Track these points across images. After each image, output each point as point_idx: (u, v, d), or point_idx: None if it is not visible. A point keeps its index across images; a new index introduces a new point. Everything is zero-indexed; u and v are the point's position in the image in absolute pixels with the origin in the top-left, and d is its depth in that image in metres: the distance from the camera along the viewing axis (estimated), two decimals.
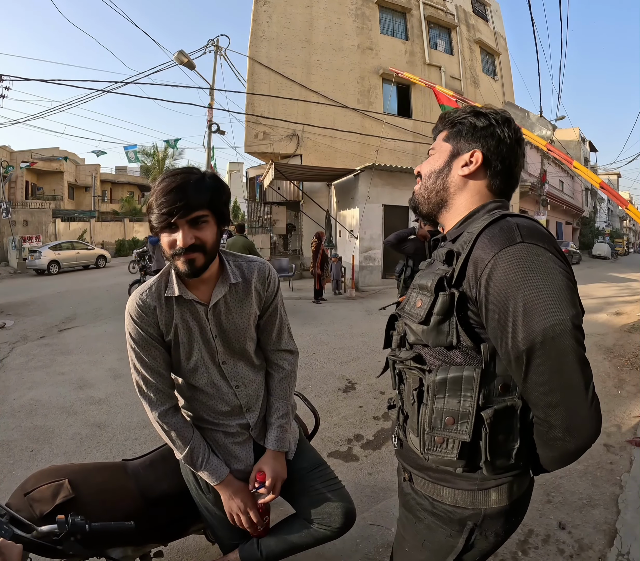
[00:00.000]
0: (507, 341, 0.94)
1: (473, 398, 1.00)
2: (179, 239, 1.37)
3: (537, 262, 0.93)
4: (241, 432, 1.67)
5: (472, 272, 0.99)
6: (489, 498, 1.08)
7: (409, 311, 1.13)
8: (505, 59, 25.74)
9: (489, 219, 1.02)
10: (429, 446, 1.07)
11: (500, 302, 0.94)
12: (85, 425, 4.19)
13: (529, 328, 0.90)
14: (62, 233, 27.92)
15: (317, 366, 5.96)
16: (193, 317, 1.55)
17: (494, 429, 1.00)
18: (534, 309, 0.90)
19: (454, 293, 1.00)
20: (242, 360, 1.66)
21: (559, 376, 0.91)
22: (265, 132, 16.85)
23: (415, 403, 1.11)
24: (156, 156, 33.25)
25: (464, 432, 1.01)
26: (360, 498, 2.93)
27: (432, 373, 1.05)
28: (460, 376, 1.01)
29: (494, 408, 1.00)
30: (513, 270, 0.92)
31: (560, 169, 32.03)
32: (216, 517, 1.68)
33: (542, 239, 0.97)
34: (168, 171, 1.46)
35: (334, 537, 1.67)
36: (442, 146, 1.22)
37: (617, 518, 2.74)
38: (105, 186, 43.28)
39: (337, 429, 4.07)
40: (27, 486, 1.58)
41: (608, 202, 57.74)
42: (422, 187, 1.25)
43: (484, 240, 0.99)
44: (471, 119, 1.17)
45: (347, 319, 9.18)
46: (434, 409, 1.04)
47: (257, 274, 1.64)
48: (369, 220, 13.87)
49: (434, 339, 1.03)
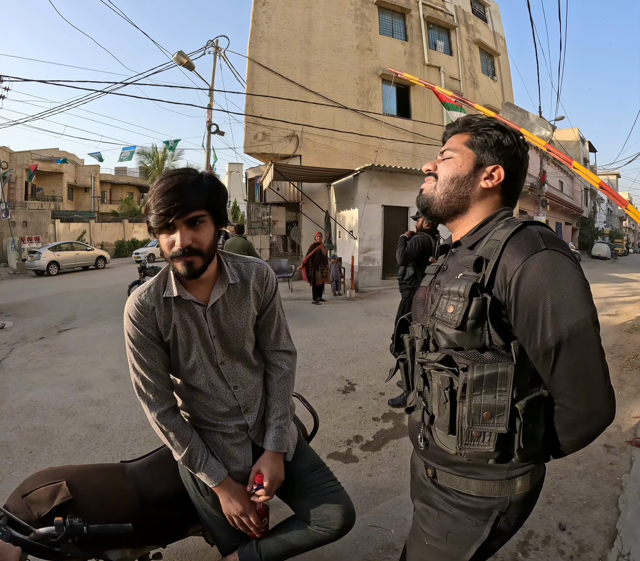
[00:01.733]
0: (536, 339, 1.03)
1: (508, 392, 1.07)
2: (177, 240, 1.37)
3: (560, 267, 1.02)
4: (239, 433, 1.67)
5: (501, 278, 1.06)
6: (515, 485, 1.16)
7: (440, 317, 1.14)
8: (505, 59, 25.76)
9: (512, 228, 1.10)
10: (467, 441, 1.12)
11: (529, 304, 1.02)
12: (84, 426, 4.18)
13: (557, 326, 1.00)
14: (61, 234, 27.96)
15: (316, 367, 5.96)
16: (191, 317, 1.55)
17: (526, 419, 1.07)
18: (561, 310, 1.00)
19: (487, 297, 1.06)
20: (240, 361, 1.66)
21: (583, 367, 1.02)
22: (264, 133, 16.85)
23: (447, 402, 1.15)
24: (155, 156, 33.29)
25: (501, 424, 1.07)
26: (359, 499, 2.92)
27: (469, 372, 1.09)
28: (495, 372, 1.07)
29: (526, 399, 1.07)
30: (541, 275, 1.01)
31: (560, 169, 32.04)
32: (215, 519, 1.68)
33: (561, 245, 1.06)
34: (165, 172, 1.47)
35: (333, 539, 1.66)
36: (465, 151, 1.25)
37: (617, 519, 2.74)
38: (104, 186, 43.38)
39: (337, 430, 4.06)
40: (25, 487, 1.57)
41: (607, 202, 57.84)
42: (441, 189, 1.26)
43: (511, 248, 1.06)
44: (498, 134, 1.22)
45: (346, 320, 9.17)
46: (472, 406, 1.09)
47: (255, 274, 1.64)
48: (369, 221, 13.86)
49: (469, 342, 1.08)
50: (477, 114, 1.35)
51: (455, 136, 1.30)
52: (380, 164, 13.54)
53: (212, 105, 15.94)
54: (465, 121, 1.30)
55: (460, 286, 1.09)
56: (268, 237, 17.90)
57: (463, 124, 1.29)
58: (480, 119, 1.27)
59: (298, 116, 16.78)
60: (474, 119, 1.28)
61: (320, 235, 12.22)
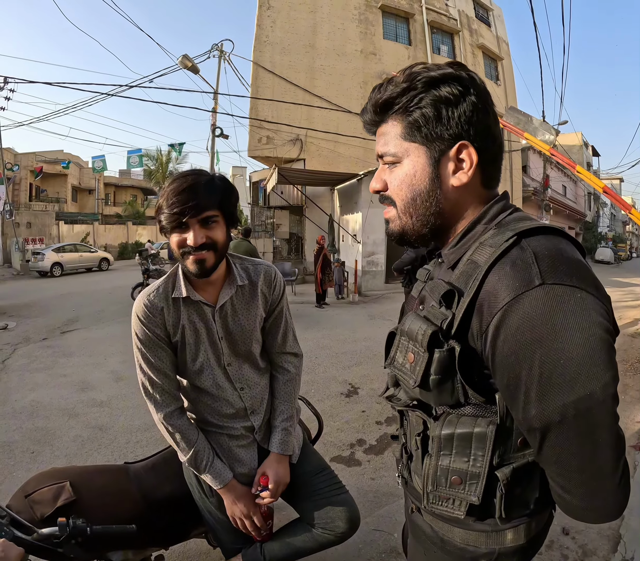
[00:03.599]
0: (517, 411, 0.78)
1: (485, 458, 0.84)
2: (189, 238, 1.39)
3: (561, 313, 0.70)
4: (245, 435, 1.67)
5: (477, 323, 0.79)
6: (504, 537, 0.93)
7: (400, 367, 0.92)
8: (508, 63, 25.81)
9: (498, 246, 0.79)
10: (433, 501, 0.93)
11: (509, 366, 0.75)
12: (87, 427, 4.19)
13: (544, 403, 0.72)
14: (65, 236, 28.06)
15: (319, 370, 5.96)
16: (200, 318, 1.56)
17: (511, 488, 0.85)
18: (553, 379, 0.71)
19: (454, 347, 0.80)
20: (248, 362, 1.67)
21: (580, 458, 0.74)
22: (268, 136, 16.90)
23: (419, 450, 0.97)
24: (159, 159, 33.37)
25: (472, 494, 0.86)
26: (362, 503, 2.91)
27: (437, 425, 0.88)
28: (470, 432, 0.84)
29: (512, 466, 0.84)
30: (528, 327, 0.71)
31: (563, 173, 32.04)
32: (219, 521, 1.68)
33: (570, 272, 0.73)
34: (178, 173, 1.49)
35: (337, 542, 1.67)
36: (407, 148, 0.88)
37: (621, 524, 2.72)
38: (108, 189, 43.55)
39: (340, 434, 4.06)
40: (28, 488, 1.58)
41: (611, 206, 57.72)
42: (406, 216, 0.93)
43: (492, 277, 0.77)
44: (432, 96, 0.83)
45: (349, 323, 9.18)
46: (438, 467, 0.88)
47: (264, 277, 1.66)
48: (372, 225, 13.87)
49: (436, 399, 0.86)
50: (382, 83, 0.91)
51: (382, 127, 0.92)
52: None
53: (216, 108, 16.04)
54: (382, 103, 0.89)
55: (419, 330, 0.83)
56: (271, 240, 17.90)
57: (383, 108, 0.90)
58: (401, 90, 0.86)
59: (302, 119, 16.84)
60: (391, 94, 0.87)
61: (323, 238, 12.24)
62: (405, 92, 0.85)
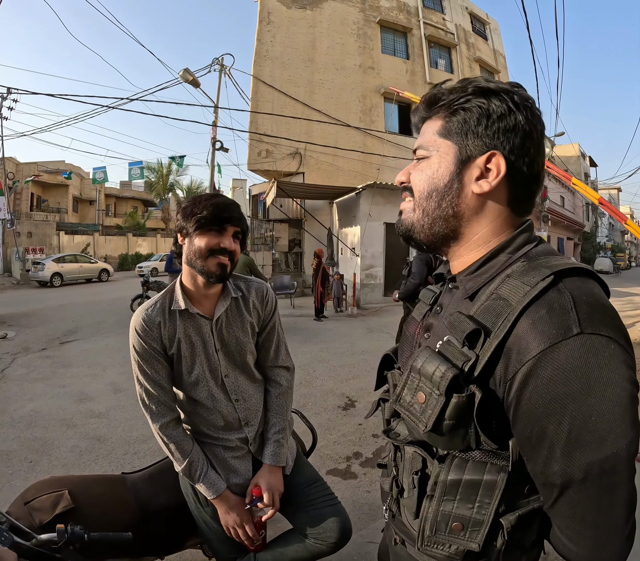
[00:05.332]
0: (536, 464, 0.72)
1: (492, 506, 0.78)
2: (225, 241, 1.56)
3: (597, 367, 0.66)
4: (240, 446, 1.72)
5: (502, 368, 0.73)
6: None
7: (407, 407, 0.83)
8: (505, 76, 25.98)
9: (534, 286, 0.72)
10: (428, 544, 0.85)
11: (536, 418, 0.69)
12: (85, 438, 4.22)
13: (569, 461, 0.67)
14: (65, 246, 28.21)
15: (317, 383, 5.95)
16: (196, 331, 1.63)
17: (513, 534, 0.80)
18: (582, 436, 0.66)
19: (475, 393, 0.72)
20: (244, 374, 1.73)
21: (596, 513, 0.69)
22: (268, 150, 17.02)
23: (415, 489, 0.89)
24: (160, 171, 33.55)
25: (473, 541, 0.80)
26: (358, 515, 2.93)
27: (443, 468, 0.82)
28: (479, 480, 0.78)
29: (518, 514, 0.79)
30: (562, 380, 0.66)
31: (561, 184, 32.15)
32: (214, 531, 1.70)
33: (605, 321, 0.69)
34: (208, 194, 1.72)
35: (329, 552, 1.69)
36: (440, 144, 0.86)
37: None
38: (109, 200, 43.64)
39: (336, 446, 4.06)
40: (27, 495, 1.59)
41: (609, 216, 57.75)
42: (420, 210, 0.89)
43: (525, 322, 0.70)
44: (480, 101, 0.82)
45: (348, 336, 9.14)
46: (440, 512, 0.82)
47: (255, 293, 1.76)
48: (371, 238, 13.92)
49: (445, 444, 0.79)
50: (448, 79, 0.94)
51: (425, 124, 0.91)
52: (383, 182, 13.60)
53: (216, 122, 16.20)
54: (430, 98, 0.89)
55: (436, 370, 0.75)
56: (271, 253, 17.97)
57: (429, 103, 0.90)
58: (452, 88, 0.87)
59: (301, 133, 16.96)
60: (441, 90, 0.88)
61: (322, 252, 12.29)
62: (455, 91, 0.85)
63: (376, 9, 19.82)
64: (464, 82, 0.85)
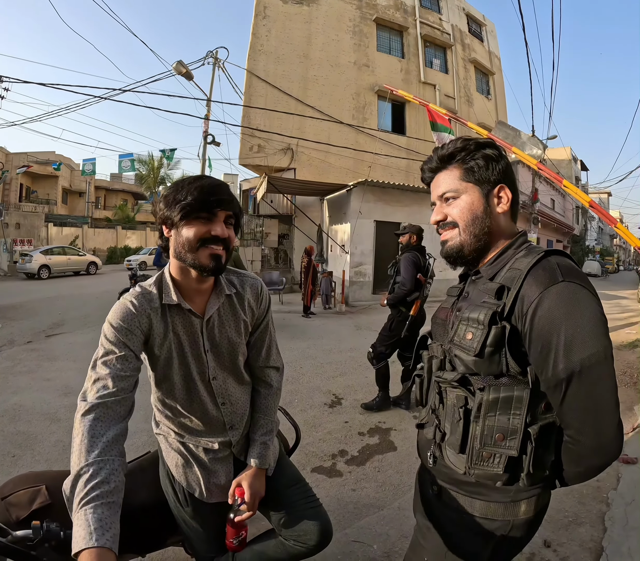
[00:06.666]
0: (547, 370, 1.04)
1: (522, 416, 1.08)
2: (216, 229, 1.39)
3: (576, 299, 1.02)
4: (222, 449, 1.66)
5: (519, 308, 1.08)
6: (519, 509, 1.17)
7: (459, 343, 1.16)
8: (499, 78, 26.12)
9: (533, 258, 1.11)
10: (477, 461, 1.14)
11: (543, 335, 1.03)
12: (69, 433, 4.01)
13: (569, 358, 1.00)
14: (54, 238, 27.90)
15: (304, 380, 5.95)
16: (185, 330, 1.51)
17: (537, 444, 1.09)
18: (574, 342, 1.00)
19: (506, 326, 1.07)
20: (232, 376, 1.64)
21: (593, 400, 1.01)
22: (260, 145, 16.95)
23: (461, 420, 1.17)
24: (151, 164, 33.32)
25: (512, 447, 1.09)
26: (342, 514, 2.93)
27: (485, 392, 1.11)
28: (511, 395, 1.09)
29: (539, 424, 1.09)
30: (556, 307, 1.02)
31: (552, 187, 32.31)
32: (193, 530, 1.67)
33: (578, 276, 1.06)
34: (191, 177, 1.47)
35: (309, 554, 1.66)
36: (466, 187, 1.22)
37: (603, 536, 2.74)
38: (99, 192, 43.36)
39: (322, 444, 4.05)
40: (4, 490, 1.57)
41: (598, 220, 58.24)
42: (466, 234, 1.23)
43: (530, 279, 1.08)
44: (483, 154, 1.21)
45: (335, 334, 9.16)
46: (486, 427, 1.11)
47: (250, 290, 1.65)
48: (361, 235, 13.92)
49: (486, 369, 1.10)
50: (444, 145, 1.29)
51: (443, 174, 1.27)
52: (374, 180, 13.61)
53: (209, 115, 16.00)
54: (449, 155, 1.25)
55: (480, 314, 1.11)
56: (260, 249, 17.91)
57: (445, 159, 1.26)
58: (461, 147, 1.23)
59: (294, 129, 16.91)
60: (453, 150, 1.24)
61: (313, 248, 12.26)
62: (464, 149, 1.23)
63: (373, 6, 19.78)
64: (465, 142, 1.24)
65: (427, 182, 1.34)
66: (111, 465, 1.20)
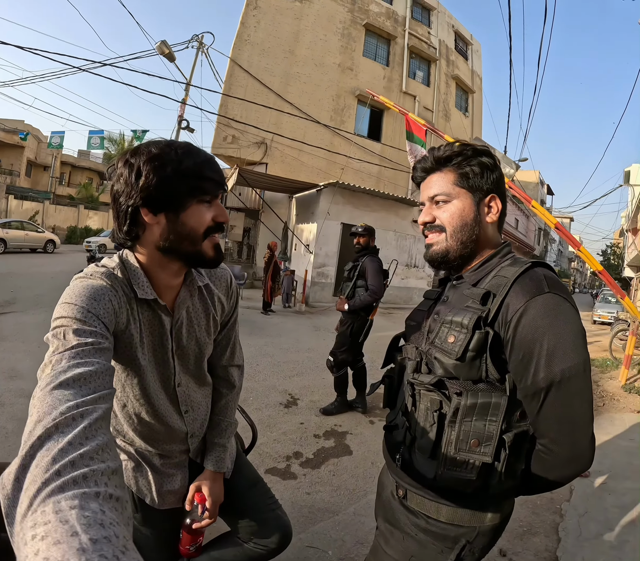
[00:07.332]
0: (527, 378, 1.04)
1: (498, 423, 1.08)
2: (224, 214, 1.20)
3: (560, 311, 1.03)
4: (179, 455, 1.51)
5: (504, 315, 1.07)
6: (486, 516, 1.16)
7: (440, 345, 1.15)
8: (479, 97, 26.64)
9: (521, 267, 1.10)
10: (450, 466, 1.12)
11: (526, 344, 1.03)
12: (12, 419, 3.87)
13: (550, 368, 1.01)
14: (13, 211, 26.90)
15: (259, 378, 5.84)
16: (152, 330, 1.27)
17: (510, 452, 1.09)
18: (555, 353, 1.01)
19: (489, 331, 1.07)
20: (194, 380, 1.45)
21: (570, 411, 1.03)
22: (234, 136, 16.83)
23: (435, 425, 1.16)
24: (122, 144, 32.60)
25: (486, 454, 1.08)
26: (297, 518, 2.85)
27: (463, 397, 1.11)
28: (489, 402, 1.09)
29: (514, 432, 1.10)
30: (540, 317, 1.02)
31: (517, 207, 33.08)
32: (143, 538, 1.49)
33: (562, 289, 1.07)
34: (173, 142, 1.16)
35: (268, 557, 1.60)
36: (459, 192, 1.20)
37: (557, 546, 2.77)
38: (64, 168, 42.01)
39: (276, 445, 3.94)
40: None
41: (559, 243, 59.89)
42: (453, 240, 1.20)
43: (517, 287, 1.07)
44: (479, 161, 1.19)
45: (294, 333, 9.09)
46: (462, 432, 1.10)
47: (219, 282, 1.46)
48: (326, 236, 13.96)
49: (466, 373, 1.09)
50: (441, 146, 1.25)
51: (436, 175, 1.24)
52: (345, 182, 13.66)
53: (186, 100, 15.73)
54: (445, 158, 1.22)
55: (464, 317, 1.10)
56: (224, 241, 17.75)
57: (441, 161, 1.23)
58: (458, 152, 1.21)
59: (270, 123, 16.84)
60: (450, 153, 1.21)
61: (276, 245, 12.17)
62: (461, 153, 1.20)
63: (365, 12, 19.90)
64: (463, 146, 1.21)
65: (417, 182, 1.32)
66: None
